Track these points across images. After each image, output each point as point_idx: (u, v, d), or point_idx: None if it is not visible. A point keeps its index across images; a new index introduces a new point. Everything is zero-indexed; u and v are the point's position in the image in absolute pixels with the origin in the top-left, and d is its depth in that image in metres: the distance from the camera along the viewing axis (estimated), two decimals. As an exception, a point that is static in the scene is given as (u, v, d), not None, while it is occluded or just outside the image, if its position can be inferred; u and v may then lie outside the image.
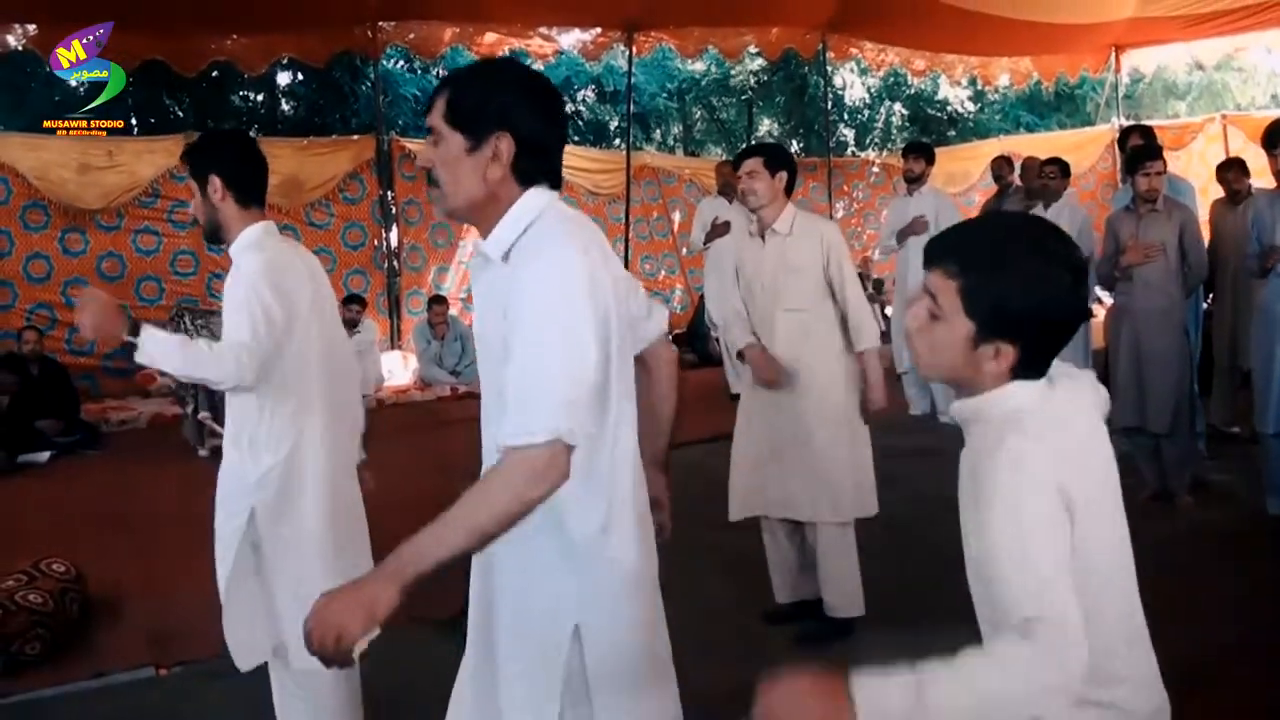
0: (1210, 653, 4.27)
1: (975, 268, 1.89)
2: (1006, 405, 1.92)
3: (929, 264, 1.97)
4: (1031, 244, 1.92)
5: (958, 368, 1.95)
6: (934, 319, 1.94)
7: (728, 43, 14.93)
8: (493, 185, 2.25)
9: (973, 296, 1.89)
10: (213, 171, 3.44)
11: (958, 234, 2.02)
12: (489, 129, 2.22)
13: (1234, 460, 7.31)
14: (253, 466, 3.41)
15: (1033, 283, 1.86)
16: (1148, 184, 6.43)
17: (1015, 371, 1.92)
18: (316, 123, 17.88)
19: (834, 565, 4.76)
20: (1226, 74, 22.60)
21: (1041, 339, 1.92)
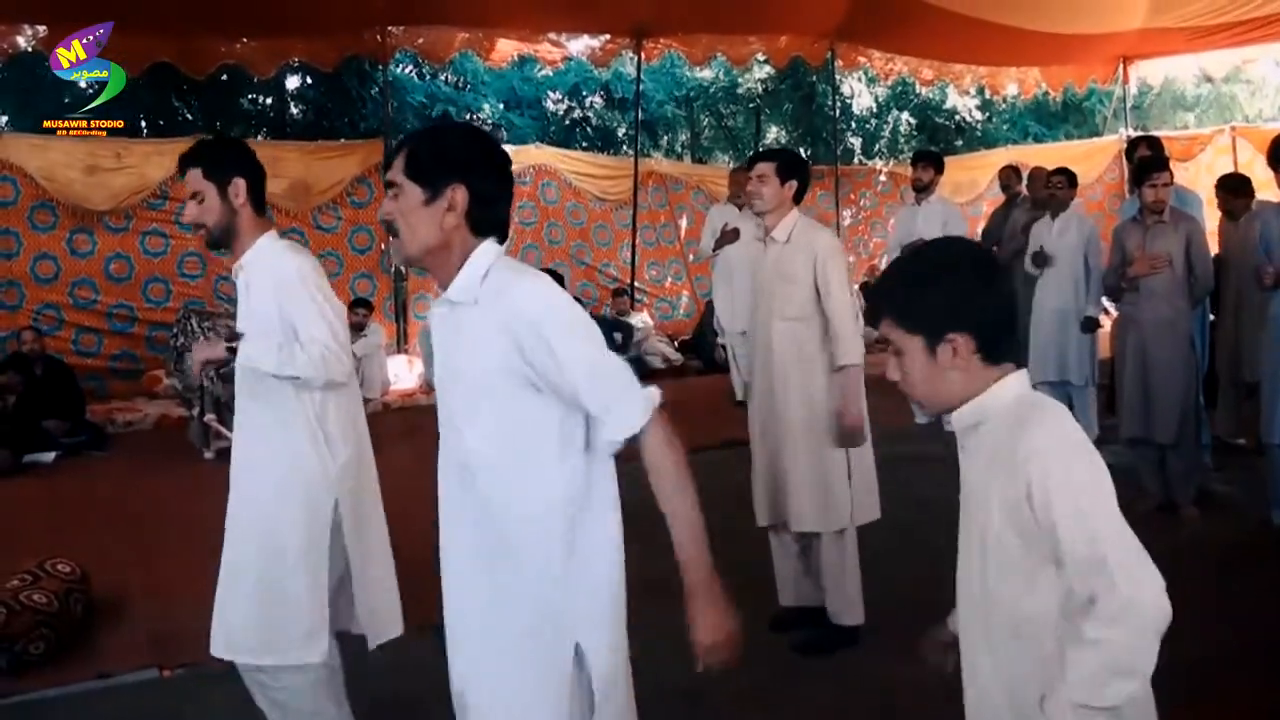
0: (1215, 663, 4.27)
1: (892, 298, 2.19)
2: (1008, 396, 2.11)
3: (873, 325, 2.27)
4: (922, 254, 2.24)
5: (938, 384, 2.15)
6: (899, 356, 2.17)
7: (736, 50, 14.95)
8: (448, 233, 2.44)
9: (904, 317, 2.14)
10: (238, 174, 3.45)
11: (877, 286, 2.35)
12: (445, 181, 2.42)
13: (1239, 472, 7.29)
14: (331, 460, 3.47)
15: (944, 278, 2.11)
16: (1154, 195, 6.44)
17: (983, 357, 2.10)
18: (325, 126, 17.88)
19: (833, 572, 4.76)
20: (1235, 86, 22.57)
21: (980, 314, 2.10)
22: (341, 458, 3.49)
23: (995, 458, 2.07)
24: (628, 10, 13.22)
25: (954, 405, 2.15)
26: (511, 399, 2.39)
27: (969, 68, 16.64)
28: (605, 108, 21.40)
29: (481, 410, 2.43)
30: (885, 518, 4.86)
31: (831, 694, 4.39)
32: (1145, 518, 6.42)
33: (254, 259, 3.46)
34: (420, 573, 5.75)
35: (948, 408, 2.17)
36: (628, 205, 15.05)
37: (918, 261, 2.21)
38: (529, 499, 2.42)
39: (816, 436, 4.67)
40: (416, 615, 5.08)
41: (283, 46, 12.87)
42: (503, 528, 2.44)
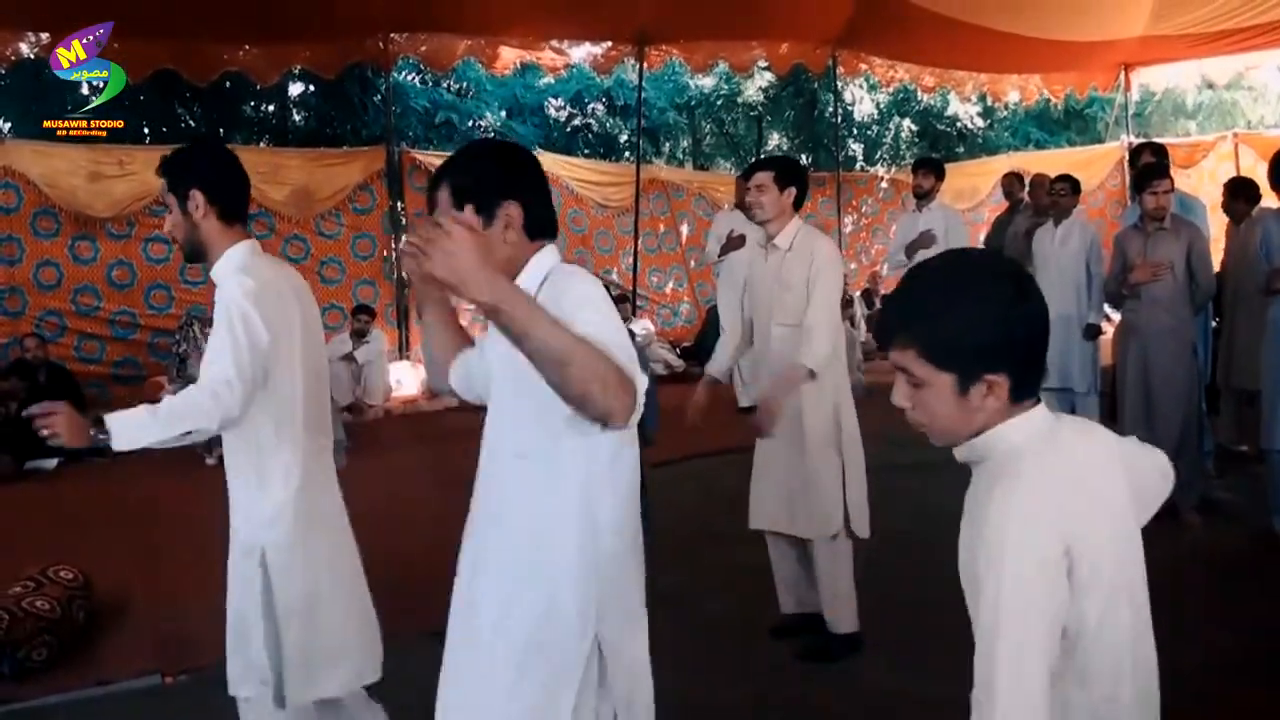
0: (1216, 670, 4.27)
1: (922, 325, 1.87)
2: (1010, 439, 1.89)
3: (883, 345, 1.97)
4: (964, 275, 1.91)
5: (964, 421, 1.90)
6: (917, 389, 1.91)
7: (737, 57, 14.98)
8: (511, 249, 2.46)
9: (936, 351, 1.86)
10: (194, 185, 3.24)
11: (894, 305, 1.98)
12: (496, 202, 2.44)
13: (1241, 479, 7.30)
14: (264, 502, 3.28)
15: (980, 309, 1.83)
16: (1155, 202, 6.45)
17: (1016, 396, 1.87)
18: (327, 134, 17.89)
19: (826, 579, 4.76)
20: (1237, 92, 22.57)
21: (1020, 354, 1.86)
22: (275, 500, 3.28)
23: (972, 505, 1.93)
24: (630, 17, 13.24)
25: (962, 438, 1.94)
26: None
27: (970, 74, 16.67)
28: (607, 115, 21.40)
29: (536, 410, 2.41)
30: (887, 527, 4.87)
31: (833, 702, 4.39)
32: (1147, 525, 6.41)
33: (218, 274, 3.29)
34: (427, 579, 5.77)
35: (957, 442, 1.96)
36: (629, 212, 15.07)
37: (950, 281, 1.90)
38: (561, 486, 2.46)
39: (814, 444, 4.66)
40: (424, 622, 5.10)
41: (285, 53, 12.90)
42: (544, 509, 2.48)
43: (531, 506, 2.50)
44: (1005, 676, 1.71)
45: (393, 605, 3.68)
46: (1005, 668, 1.72)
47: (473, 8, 12.47)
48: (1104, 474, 1.93)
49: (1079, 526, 1.80)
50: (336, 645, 3.42)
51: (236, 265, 3.28)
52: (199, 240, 3.30)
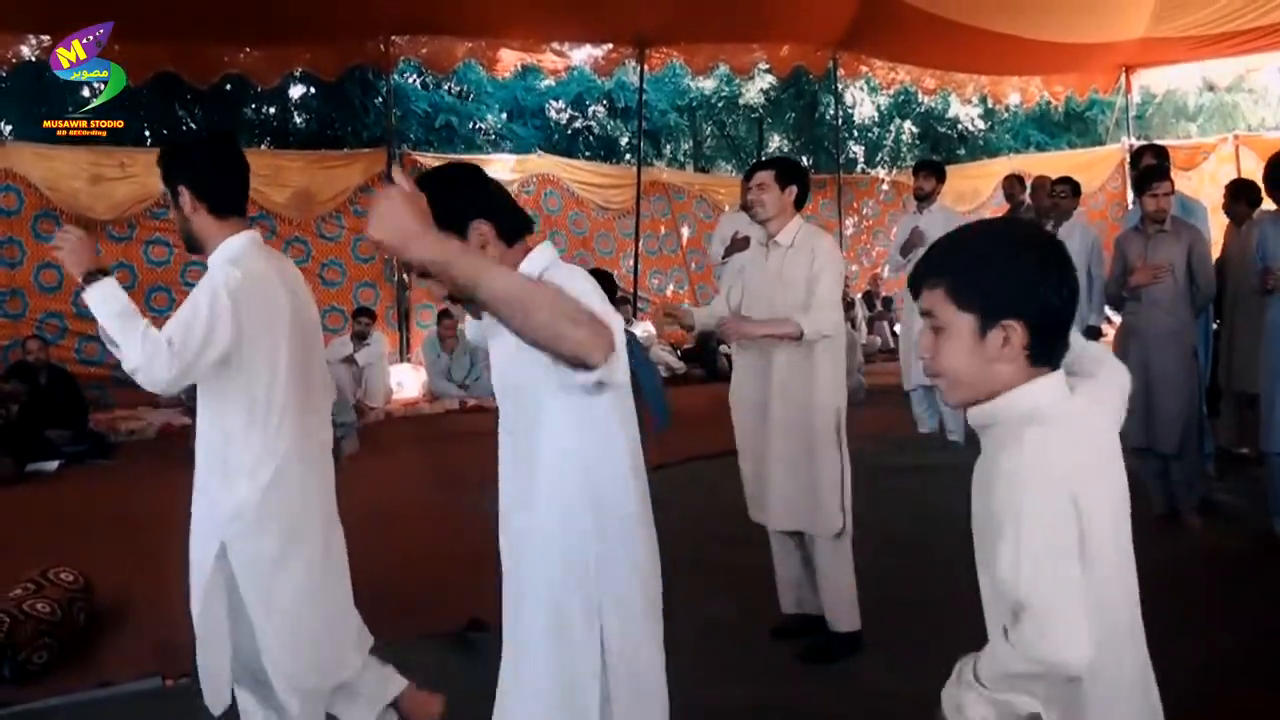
0: (1217, 671, 4.27)
1: (954, 268, 1.95)
2: (1024, 404, 1.92)
3: (915, 292, 2.03)
4: (997, 231, 2.07)
5: (980, 370, 1.95)
6: (938, 333, 1.97)
7: (738, 59, 15.00)
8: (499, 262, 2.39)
9: (961, 291, 1.92)
10: (180, 182, 3.30)
11: (928, 254, 2.04)
12: (464, 225, 2.47)
13: (1242, 481, 7.30)
14: (227, 495, 3.28)
15: (1011, 259, 1.92)
16: (1155, 205, 6.45)
17: (1031, 355, 1.91)
18: (328, 136, 17.91)
19: (827, 577, 4.75)
20: (1238, 95, 22.58)
21: (1042, 306, 1.91)
22: (238, 494, 3.28)
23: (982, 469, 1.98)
24: (630, 20, 13.25)
25: (979, 399, 1.97)
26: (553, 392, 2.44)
27: (971, 77, 16.68)
28: (608, 117, 21.43)
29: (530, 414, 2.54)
30: (887, 526, 4.87)
31: (834, 703, 4.38)
32: (1148, 527, 6.41)
33: (212, 263, 3.34)
34: (428, 581, 5.77)
35: (972, 400, 1.99)
36: (630, 214, 15.08)
37: (987, 233, 2.03)
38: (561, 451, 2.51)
39: (816, 441, 4.67)
40: (425, 624, 5.11)
41: (286, 56, 12.91)
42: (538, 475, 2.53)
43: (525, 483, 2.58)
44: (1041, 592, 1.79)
45: (393, 608, 3.69)
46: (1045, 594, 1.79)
47: (473, 10, 12.49)
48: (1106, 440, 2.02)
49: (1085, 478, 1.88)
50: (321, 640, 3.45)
51: (228, 256, 3.31)
52: (194, 233, 3.37)
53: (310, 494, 3.44)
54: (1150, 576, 1.96)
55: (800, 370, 4.68)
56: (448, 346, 12.66)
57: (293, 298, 3.40)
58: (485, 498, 2.75)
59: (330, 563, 3.52)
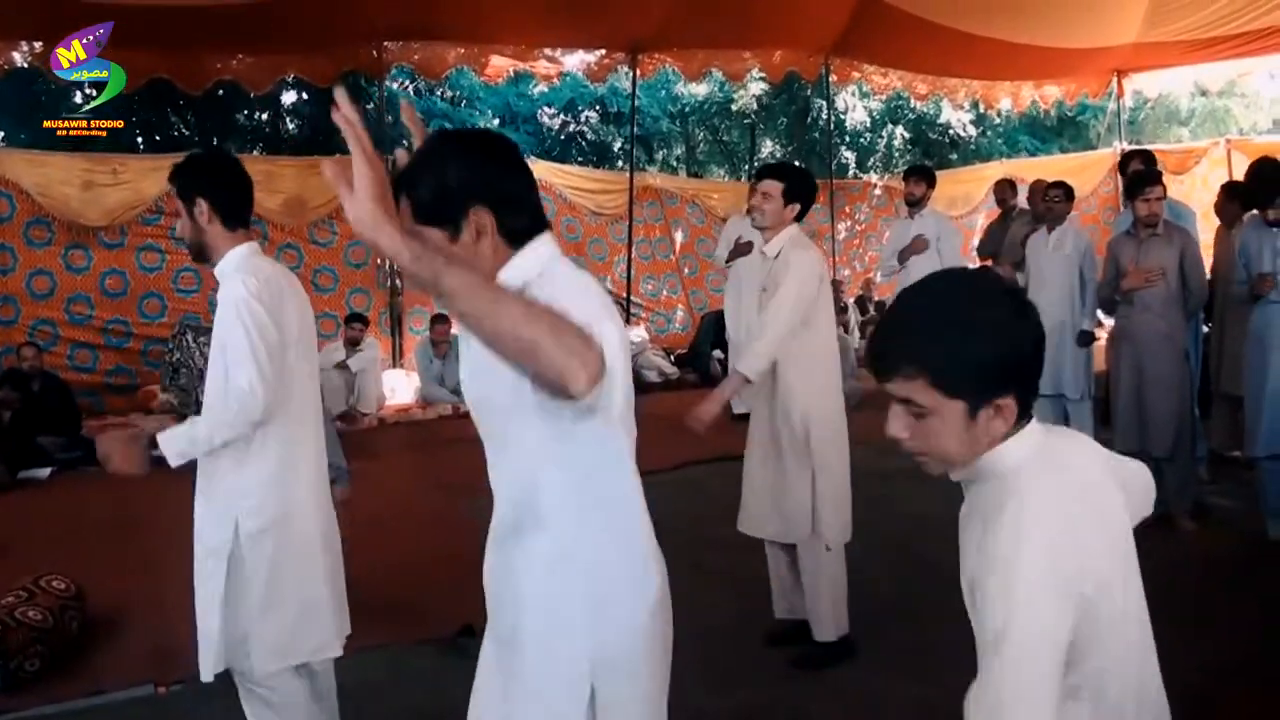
0: (1212, 677, 4.27)
1: (931, 353, 1.82)
2: (1011, 458, 1.86)
3: (882, 376, 1.90)
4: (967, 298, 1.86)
5: (969, 446, 1.87)
6: (921, 419, 1.86)
7: (731, 65, 15.02)
8: (489, 259, 2.18)
9: (947, 380, 1.81)
10: (200, 194, 3.43)
11: (894, 333, 1.90)
12: (461, 211, 2.15)
13: (1234, 484, 7.31)
14: (237, 477, 3.41)
15: (990, 333, 1.80)
16: (1147, 209, 6.47)
17: (1021, 415, 1.85)
18: (320, 141, 17.92)
19: (811, 584, 4.77)
20: (1230, 99, 22.64)
21: (1025, 373, 1.85)
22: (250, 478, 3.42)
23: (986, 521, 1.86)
24: (623, 26, 13.24)
25: (966, 463, 1.90)
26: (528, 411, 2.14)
27: (963, 82, 16.70)
28: (600, 123, 21.47)
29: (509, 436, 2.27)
30: (880, 533, 4.87)
31: (827, 709, 4.39)
32: (1141, 530, 6.42)
33: (220, 274, 3.47)
34: (421, 587, 5.77)
35: (960, 466, 1.92)
36: (623, 220, 15.07)
37: (954, 307, 1.85)
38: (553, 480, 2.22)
39: (800, 450, 4.68)
40: (419, 631, 5.10)
41: (279, 62, 12.89)
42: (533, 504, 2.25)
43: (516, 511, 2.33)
44: (1013, 696, 1.71)
45: (386, 614, 3.69)
46: (1013, 689, 1.71)
47: (466, 16, 12.47)
48: (1104, 489, 1.93)
49: (1088, 546, 1.80)
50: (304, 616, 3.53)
51: (238, 264, 3.46)
52: (205, 243, 3.49)
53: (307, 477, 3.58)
54: (1143, 580, 1.95)
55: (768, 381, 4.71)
56: (440, 352, 12.64)
57: (297, 302, 3.54)
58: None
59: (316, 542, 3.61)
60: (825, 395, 4.77)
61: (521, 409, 2.13)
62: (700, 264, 15.78)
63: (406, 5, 11.90)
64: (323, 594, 3.59)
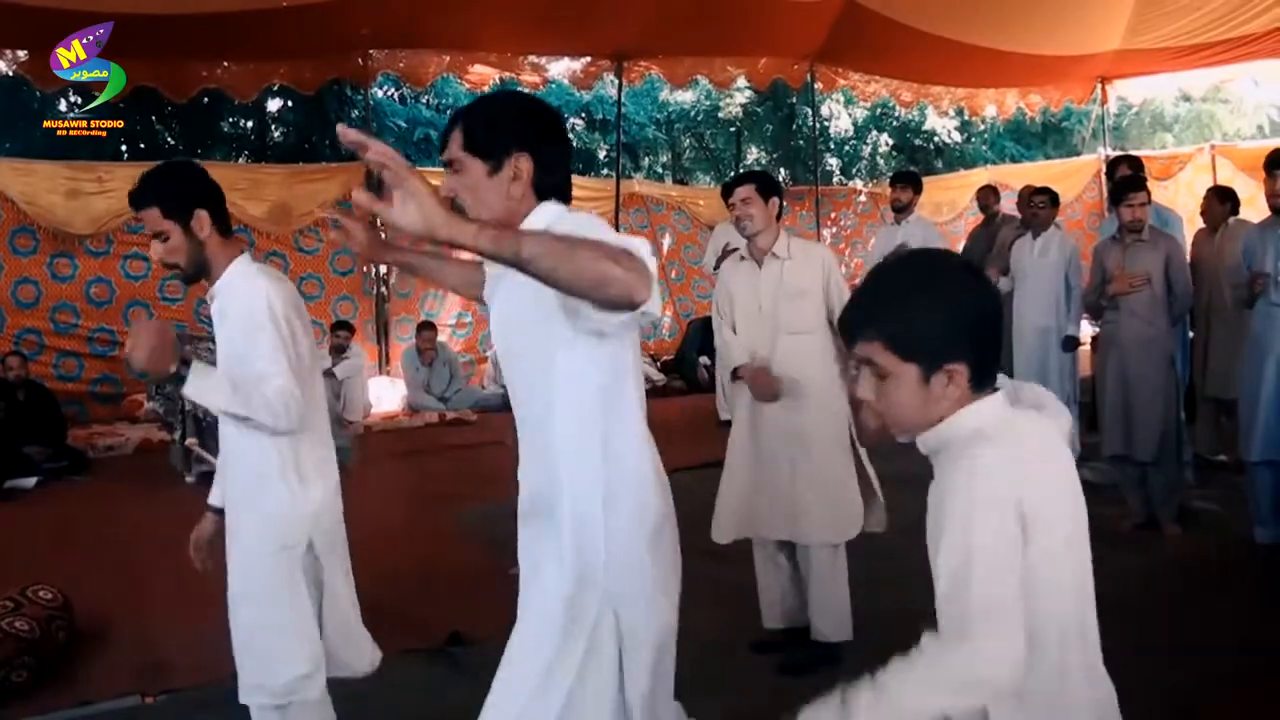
0: (1198, 682, 4.28)
1: (885, 318, 1.98)
2: (970, 424, 1.98)
3: (850, 340, 2.06)
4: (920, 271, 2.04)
5: (924, 410, 2.01)
6: (881, 379, 2.01)
7: (717, 73, 15.02)
8: (515, 202, 2.42)
9: (901, 342, 1.96)
10: (198, 206, 3.29)
11: (858, 302, 2.07)
12: (506, 151, 2.40)
13: (1221, 489, 7.33)
14: (304, 499, 3.29)
15: (939, 301, 1.96)
16: (1131, 215, 6.50)
17: (973, 384, 1.97)
18: (306, 149, 17.93)
19: (824, 589, 4.75)
20: (1214, 105, 22.73)
21: (978, 342, 1.98)
22: (315, 496, 3.33)
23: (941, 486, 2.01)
24: (608, 33, 13.26)
25: (920, 428, 2.05)
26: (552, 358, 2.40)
27: (948, 89, 16.75)
28: (586, 130, 21.48)
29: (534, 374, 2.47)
30: (867, 537, 4.86)
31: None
32: (1128, 536, 6.45)
33: (227, 285, 3.32)
34: (408, 596, 5.76)
35: (918, 432, 2.07)
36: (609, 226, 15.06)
37: (912, 278, 2.02)
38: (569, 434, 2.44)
39: (828, 448, 4.70)
40: (405, 639, 5.09)
41: (264, 70, 12.88)
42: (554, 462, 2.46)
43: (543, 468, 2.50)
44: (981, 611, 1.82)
45: (374, 622, 3.67)
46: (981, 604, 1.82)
47: (451, 24, 12.48)
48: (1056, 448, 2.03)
49: (1033, 488, 1.90)
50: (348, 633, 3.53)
51: (254, 272, 3.32)
52: (204, 259, 3.33)
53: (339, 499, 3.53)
54: (1129, 586, 1.97)
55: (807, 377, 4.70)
56: (426, 359, 12.65)
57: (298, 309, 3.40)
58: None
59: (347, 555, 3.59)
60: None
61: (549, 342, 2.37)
62: (686, 270, 15.80)
63: (392, 14, 11.89)
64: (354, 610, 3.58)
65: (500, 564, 6.10)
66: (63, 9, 9.63)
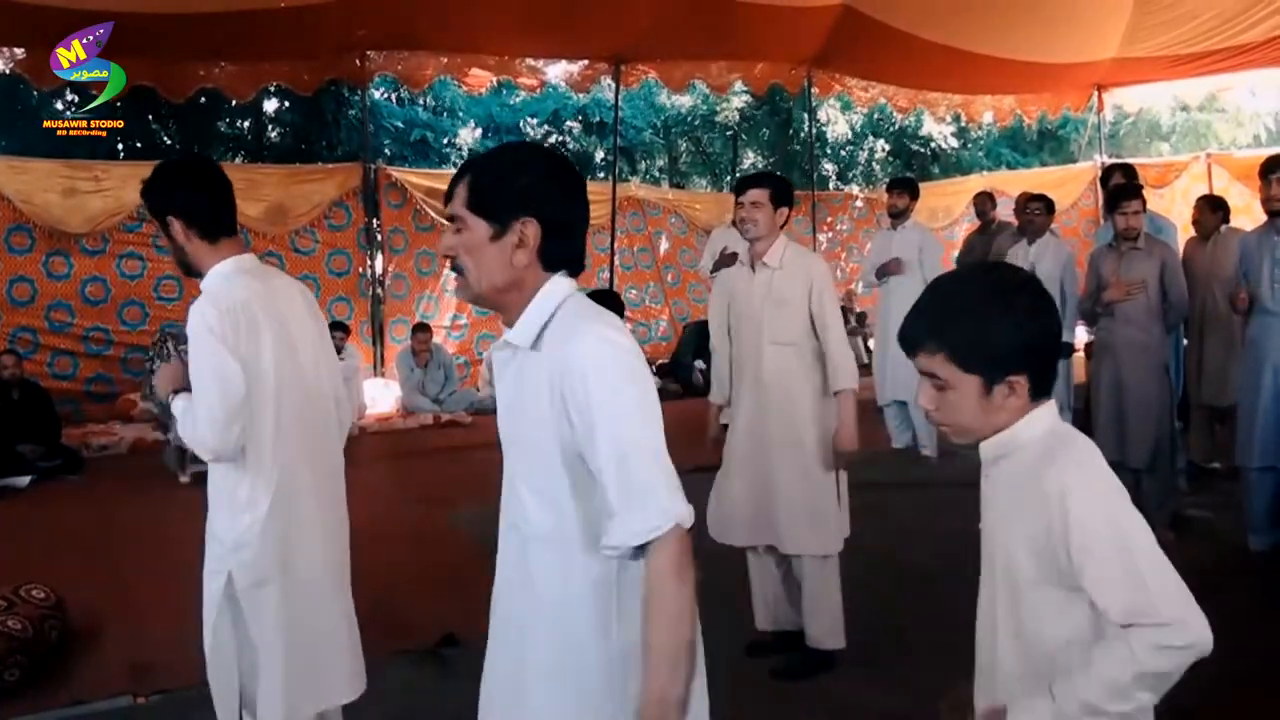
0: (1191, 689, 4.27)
1: (951, 331, 2.03)
2: (1037, 429, 2.06)
3: (909, 353, 2.11)
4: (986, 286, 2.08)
5: (985, 420, 2.07)
6: (942, 391, 2.07)
7: (714, 77, 15.04)
8: (519, 271, 2.20)
9: (963, 355, 2.02)
10: (169, 213, 3.25)
11: (922, 313, 2.10)
12: (514, 214, 2.18)
13: (1214, 495, 7.33)
14: (229, 528, 3.24)
15: (1004, 316, 2.00)
16: (1125, 223, 6.52)
17: (1035, 394, 2.05)
18: (303, 150, 17.89)
19: (816, 596, 4.75)
20: (1211, 114, 22.76)
21: (1039, 354, 2.05)
22: (240, 525, 3.23)
23: (1020, 491, 2.05)
24: (606, 37, 13.26)
25: (987, 437, 2.10)
26: (563, 463, 2.15)
27: (945, 95, 16.77)
28: (583, 133, 21.46)
29: (536, 472, 2.22)
30: (862, 544, 4.86)
31: (807, 718, 4.39)
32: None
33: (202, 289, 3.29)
34: (401, 597, 5.76)
35: (980, 439, 2.11)
36: (606, 230, 15.07)
37: (974, 293, 2.06)
38: (572, 578, 2.19)
39: (811, 459, 4.68)
40: (400, 641, 5.09)
41: (261, 70, 12.88)
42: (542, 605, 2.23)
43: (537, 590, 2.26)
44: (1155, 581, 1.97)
45: (366, 624, 3.66)
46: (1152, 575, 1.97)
47: (449, 26, 12.48)
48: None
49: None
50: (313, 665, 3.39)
51: (210, 287, 3.28)
52: (190, 261, 3.33)
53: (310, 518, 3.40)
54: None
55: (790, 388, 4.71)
56: (421, 361, 12.64)
57: (278, 322, 3.33)
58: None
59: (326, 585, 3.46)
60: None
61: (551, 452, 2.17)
62: (683, 274, 15.80)
63: (389, 15, 11.89)
64: (338, 639, 3.47)
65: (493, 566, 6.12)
66: (60, 7, 9.63)
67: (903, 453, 9.06)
